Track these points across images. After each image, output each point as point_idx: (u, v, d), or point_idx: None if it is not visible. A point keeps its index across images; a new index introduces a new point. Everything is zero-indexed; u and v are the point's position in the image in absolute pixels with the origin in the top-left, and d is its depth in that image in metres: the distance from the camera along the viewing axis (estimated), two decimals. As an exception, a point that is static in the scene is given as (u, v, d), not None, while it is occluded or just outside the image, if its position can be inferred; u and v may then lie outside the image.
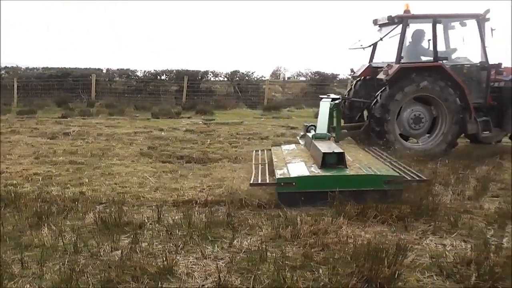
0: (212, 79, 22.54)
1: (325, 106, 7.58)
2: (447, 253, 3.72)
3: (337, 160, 5.43)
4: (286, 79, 27.19)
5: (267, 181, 5.37)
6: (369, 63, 9.18)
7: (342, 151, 5.65)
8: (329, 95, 8.40)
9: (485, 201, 5.24)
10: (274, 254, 3.61)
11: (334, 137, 7.28)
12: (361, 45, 9.04)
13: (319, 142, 6.25)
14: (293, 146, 7.51)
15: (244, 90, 21.54)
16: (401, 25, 8.29)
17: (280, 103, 19.59)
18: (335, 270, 3.24)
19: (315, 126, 7.40)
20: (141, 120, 13.66)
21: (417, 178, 5.27)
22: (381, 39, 8.84)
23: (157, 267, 3.32)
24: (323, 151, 5.53)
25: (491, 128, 8.51)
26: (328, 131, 7.02)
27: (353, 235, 3.96)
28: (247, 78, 22.49)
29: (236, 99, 20.33)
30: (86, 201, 5.08)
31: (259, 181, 5.41)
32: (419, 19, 8.60)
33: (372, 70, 8.97)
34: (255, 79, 22.77)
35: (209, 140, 9.71)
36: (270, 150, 7.38)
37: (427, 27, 8.53)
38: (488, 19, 8.39)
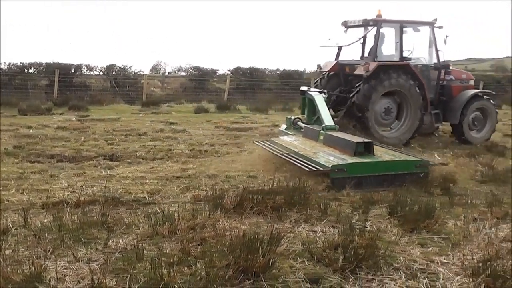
0: (86, 73, 21.46)
1: (320, 99, 8.38)
2: (317, 239, 3.96)
3: (365, 148, 6.27)
4: (166, 74, 26.79)
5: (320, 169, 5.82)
6: (335, 60, 10.08)
7: (371, 140, 6.61)
8: (309, 88, 9.39)
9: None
10: (151, 252, 3.56)
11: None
12: (337, 43, 10.07)
13: (336, 133, 7.26)
14: (289, 137, 8.10)
15: (121, 85, 20.84)
16: (375, 28, 9.40)
17: (159, 98, 19.27)
18: (212, 263, 3.29)
19: (300, 119, 8.67)
20: (6, 117, 12.59)
21: (438, 162, 6.58)
22: (359, 39, 9.98)
23: (23, 275, 3.10)
24: (355, 141, 6.35)
25: (441, 119, 10.06)
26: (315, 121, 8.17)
27: (230, 228, 4.04)
28: (124, 72, 21.78)
29: (113, 94, 19.58)
30: None
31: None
32: (390, 23, 9.70)
33: (339, 67, 9.98)
34: (133, 73, 22.14)
35: (83, 138, 9.26)
36: (264, 142, 7.84)
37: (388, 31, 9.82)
38: (441, 27, 9.84)
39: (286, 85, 22.63)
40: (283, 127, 9.09)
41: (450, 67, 10.21)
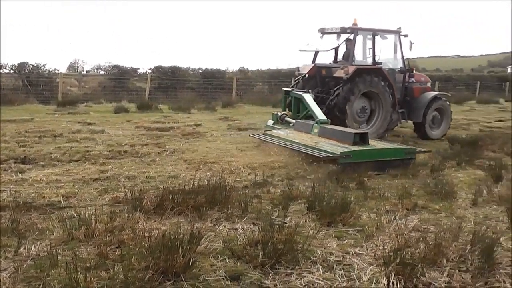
0: (-6, 71, 20.21)
1: (309, 97, 9.56)
2: (238, 236, 4.01)
3: (360, 138, 7.31)
4: (84, 72, 25.81)
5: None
6: (313, 63, 11.08)
7: (367, 131, 7.88)
8: (293, 87, 10.66)
9: (273, 186, 5.76)
10: (66, 257, 3.43)
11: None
12: (317, 48, 11.12)
13: (330, 126, 8.36)
14: (282, 131, 8.91)
15: (34, 84, 19.81)
16: (352, 35, 10.44)
17: (76, 97, 18.52)
18: (131, 266, 3.23)
19: (286, 115, 9.85)
20: None
21: (423, 150, 7.72)
22: (339, 44, 11.04)
23: None
24: (354, 132, 7.45)
25: (406, 117, 11.21)
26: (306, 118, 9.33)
27: (149, 229, 3.98)
28: (38, 70, 20.73)
29: (25, 93, 18.57)
30: None
31: None
32: (364, 31, 10.70)
33: (316, 69, 10.98)
34: (47, 72, 21.12)
35: (-9, 140, 8.69)
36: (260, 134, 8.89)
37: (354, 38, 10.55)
38: (407, 35, 11.10)
39: (209, 84, 22.61)
40: (270, 122, 10.06)
41: (414, 71, 11.59)
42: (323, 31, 11.03)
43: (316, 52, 11.17)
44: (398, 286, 3.17)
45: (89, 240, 3.79)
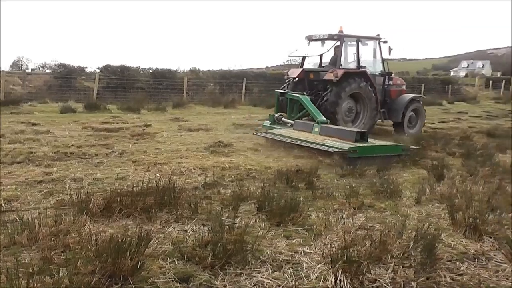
0: None
1: (307, 99, 10.58)
2: (188, 238, 3.98)
3: (361, 136, 8.14)
4: (29, 70, 24.87)
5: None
6: (301, 68, 12.20)
7: (366, 130, 8.82)
8: (286, 91, 11.49)
9: (223, 187, 5.76)
10: (7, 263, 3.30)
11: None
12: (306, 54, 12.24)
13: (330, 125, 9.32)
14: (283, 130, 9.57)
15: (-26, 83, 18.91)
16: (339, 41, 11.49)
17: (20, 97, 17.84)
18: (76, 270, 3.14)
19: (283, 115, 10.81)
20: None
21: (415, 147, 8.53)
22: (328, 50, 11.93)
23: None
24: (356, 131, 8.32)
25: (386, 117, 12.44)
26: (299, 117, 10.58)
27: (96, 232, 3.89)
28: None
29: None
30: None
31: None
32: (349, 37, 11.73)
33: (304, 74, 11.99)
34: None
35: None
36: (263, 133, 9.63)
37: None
38: (386, 41, 12.18)
39: (159, 84, 22.33)
40: (267, 122, 10.88)
41: (392, 74, 12.81)
42: (310, 38, 12.05)
43: (303, 58, 12.35)
44: (345, 283, 3.24)
45: (32, 244, 3.66)
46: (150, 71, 24.25)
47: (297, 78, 12.04)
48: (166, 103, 17.90)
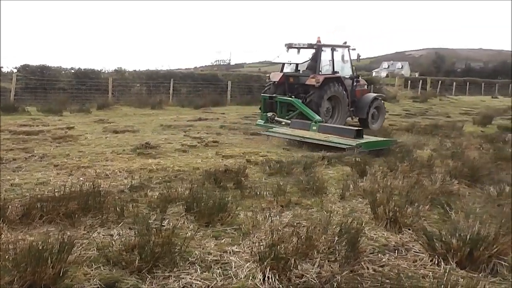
0: None
1: (299, 102, 12.22)
2: (114, 242, 3.87)
3: (357, 134, 9.41)
4: None
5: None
6: (281, 72, 13.70)
7: (361, 128, 10.10)
8: (275, 95, 12.85)
9: (151, 189, 5.67)
10: None
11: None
12: (289, 61, 13.73)
13: (327, 124, 11.15)
14: (281, 129, 10.60)
15: None
16: (317, 50, 13.22)
17: None
18: (-7, 282, 2.98)
19: (274, 114, 12.10)
20: None
21: (399, 141, 10.12)
22: (309, 58, 13.55)
23: None
24: (355, 129, 9.66)
25: (354, 114, 14.24)
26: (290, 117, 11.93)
27: (15, 240, 3.69)
28: None
29: None
30: None
31: None
32: (325, 46, 13.39)
33: (284, 78, 13.53)
34: None
35: None
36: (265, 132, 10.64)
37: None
38: (354, 49, 14.23)
39: (83, 85, 21.54)
40: (261, 121, 12.07)
41: (359, 77, 14.76)
42: (290, 46, 13.53)
43: (283, 64, 13.86)
44: (273, 280, 3.30)
45: None
46: (73, 71, 23.25)
47: (278, 82, 13.50)
48: (90, 105, 17.30)
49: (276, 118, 11.94)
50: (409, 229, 4.47)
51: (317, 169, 7.17)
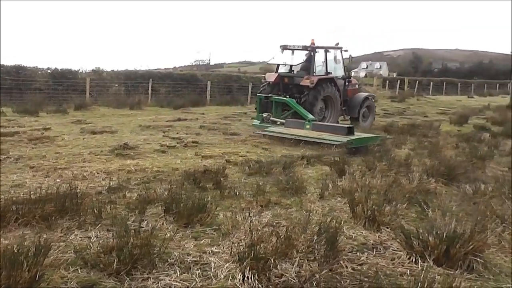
0: None
1: (293, 101, 12.55)
2: (91, 245, 3.83)
3: (348, 131, 10.08)
4: None
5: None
6: (276, 73, 14.07)
7: (352, 126, 10.96)
8: (271, 95, 13.14)
9: (129, 191, 5.62)
10: None
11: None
12: (284, 62, 14.07)
13: (320, 123, 11.78)
14: (277, 128, 11.12)
15: None
16: (312, 52, 13.56)
17: None
18: (-34, 286, 2.92)
19: (270, 114, 12.50)
20: None
21: (388, 137, 10.91)
22: (304, 60, 13.87)
23: None
24: (346, 126, 10.44)
25: (347, 113, 14.72)
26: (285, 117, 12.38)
27: (-11, 244, 3.63)
28: None
29: None
30: None
31: None
32: (319, 48, 13.72)
33: (279, 78, 13.89)
34: None
35: None
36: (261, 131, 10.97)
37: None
38: (346, 50, 14.63)
39: (60, 85, 21.24)
40: (257, 122, 12.56)
41: (351, 77, 15.34)
42: (284, 47, 13.95)
43: (278, 65, 14.23)
44: (253, 280, 3.31)
45: None
46: (49, 71, 22.87)
47: (273, 82, 13.90)
48: (68, 105, 17.07)
49: (271, 118, 12.36)
50: (387, 228, 4.52)
51: (297, 168, 7.21)
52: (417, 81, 43.38)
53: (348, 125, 10.74)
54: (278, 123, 11.95)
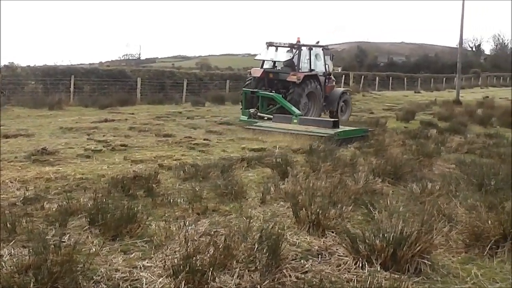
0: None
1: (280, 97, 14.31)
2: (4, 264, 3.66)
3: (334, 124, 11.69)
4: None
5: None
6: (262, 68, 15.70)
7: (338, 119, 13.08)
8: (257, 90, 14.92)
9: (48, 201, 5.43)
10: None
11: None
12: (272, 58, 15.65)
13: (306, 117, 13.37)
14: (265, 123, 12.51)
15: None
16: (297, 49, 15.34)
17: None
18: None
19: (257, 111, 14.16)
20: None
21: (371, 129, 12.45)
22: (292, 57, 15.26)
23: None
24: (332, 120, 12.33)
25: (327, 107, 16.58)
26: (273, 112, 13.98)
27: None
28: None
29: None
30: None
31: None
32: (304, 46, 15.60)
33: (265, 74, 15.48)
34: None
35: None
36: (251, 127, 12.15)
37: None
38: (328, 48, 17.10)
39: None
40: (244, 117, 14.11)
41: (331, 75, 17.15)
42: (270, 44, 15.47)
43: (263, 61, 15.86)
44: (188, 295, 3.28)
45: None
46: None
47: (259, 77, 15.35)
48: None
49: (258, 113, 13.97)
50: (333, 232, 4.62)
51: (236, 172, 7.23)
52: (363, 76, 44.63)
53: (333, 119, 12.62)
54: (266, 118, 13.43)
